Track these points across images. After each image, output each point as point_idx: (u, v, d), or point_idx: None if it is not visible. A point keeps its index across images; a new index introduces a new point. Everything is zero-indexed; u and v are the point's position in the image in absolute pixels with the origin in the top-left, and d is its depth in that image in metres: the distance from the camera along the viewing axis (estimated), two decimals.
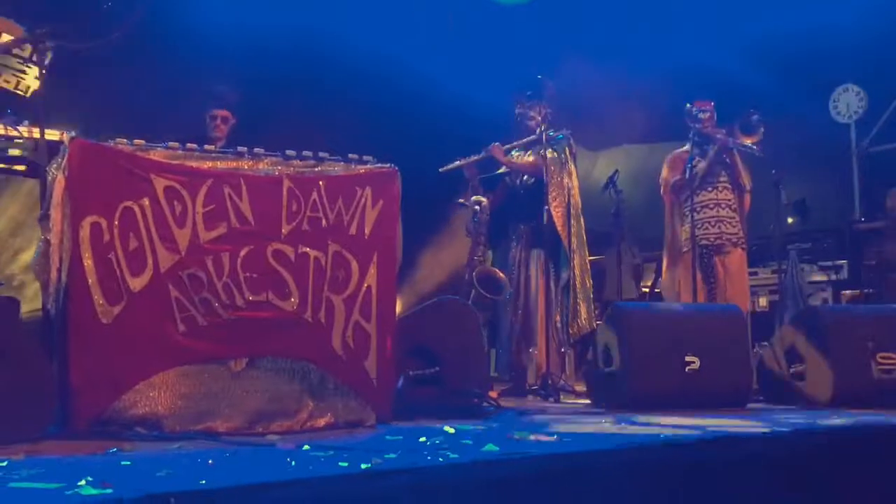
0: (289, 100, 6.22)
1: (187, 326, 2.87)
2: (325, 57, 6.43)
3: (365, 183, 3.21)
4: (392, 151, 3.38)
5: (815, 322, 4.24)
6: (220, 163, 3.03)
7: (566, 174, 5.17)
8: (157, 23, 4.86)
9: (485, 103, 6.34)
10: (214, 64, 5.70)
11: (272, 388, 2.95)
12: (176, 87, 5.48)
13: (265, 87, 5.94)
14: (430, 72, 6.70)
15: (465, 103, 6.66)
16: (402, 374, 3.42)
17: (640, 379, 3.91)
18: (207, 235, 2.93)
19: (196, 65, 5.61)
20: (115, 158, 2.87)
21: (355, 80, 6.58)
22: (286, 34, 6.19)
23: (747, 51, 7.11)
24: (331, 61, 6.46)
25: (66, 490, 1.71)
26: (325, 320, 3.07)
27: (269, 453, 2.41)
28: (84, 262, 2.76)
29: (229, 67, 5.69)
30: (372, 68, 6.48)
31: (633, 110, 7.55)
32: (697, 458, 2.52)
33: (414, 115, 6.75)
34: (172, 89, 5.49)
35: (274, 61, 6.16)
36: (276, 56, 6.17)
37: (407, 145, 5.23)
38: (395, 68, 6.52)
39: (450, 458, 2.20)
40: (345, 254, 3.14)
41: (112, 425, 2.72)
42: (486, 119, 6.15)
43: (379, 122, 6.46)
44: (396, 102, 6.68)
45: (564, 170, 5.17)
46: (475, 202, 5.34)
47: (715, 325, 4.18)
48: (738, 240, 5.46)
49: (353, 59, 6.42)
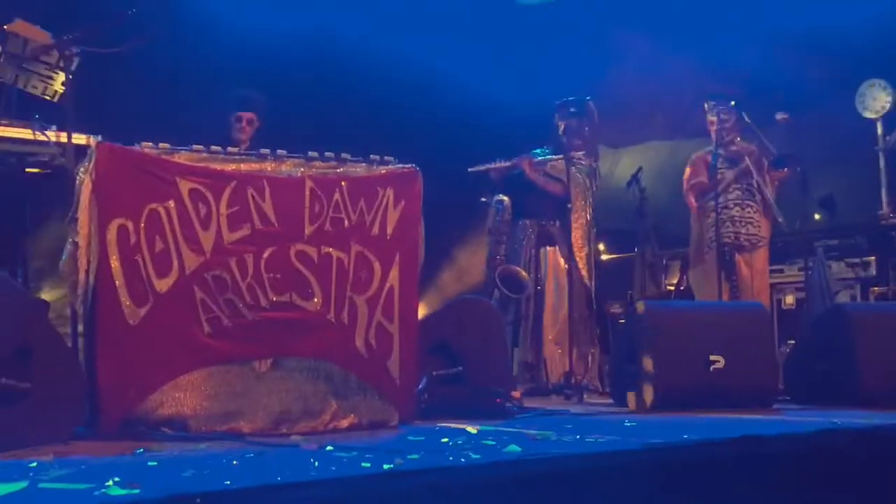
0: (310, 101, 6.25)
1: (212, 327, 2.90)
2: (346, 58, 6.45)
3: (387, 183, 3.22)
4: (413, 151, 3.40)
5: (843, 320, 4.19)
6: (243, 165, 3.06)
7: (588, 200, 5.22)
8: (180, 27, 4.92)
9: (508, 103, 6.35)
10: (238, 67, 5.75)
11: (296, 389, 2.98)
12: (200, 91, 5.52)
13: (287, 89, 5.97)
14: (451, 71, 6.71)
15: (488, 103, 6.65)
16: (424, 374, 3.44)
17: (664, 378, 3.88)
18: (231, 237, 2.96)
19: (220, 68, 5.66)
20: (141, 162, 2.90)
21: (376, 81, 6.59)
22: (308, 36, 6.22)
23: (772, 46, 7.03)
24: (352, 63, 6.48)
25: (94, 490, 1.74)
26: (348, 321, 3.09)
27: (293, 454, 2.44)
28: (111, 263, 2.80)
29: (252, 70, 5.73)
30: (392, 69, 6.49)
31: (656, 107, 7.50)
32: (721, 458, 2.51)
33: (435, 114, 6.76)
34: (196, 93, 5.54)
35: (296, 63, 6.19)
36: (298, 58, 6.20)
37: (428, 145, 5.25)
38: (415, 68, 6.53)
39: (472, 458, 2.21)
40: (367, 254, 3.15)
41: (139, 426, 2.76)
42: (511, 119, 6.15)
43: (400, 122, 6.47)
44: (418, 102, 6.69)
45: (586, 196, 5.23)
46: (498, 201, 5.35)
47: (740, 324, 4.14)
48: (760, 240, 5.42)
49: (375, 60, 6.43)
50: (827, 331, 4.27)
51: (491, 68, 6.81)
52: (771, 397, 4.07)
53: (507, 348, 4.32)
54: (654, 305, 4.52)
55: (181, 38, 5.29)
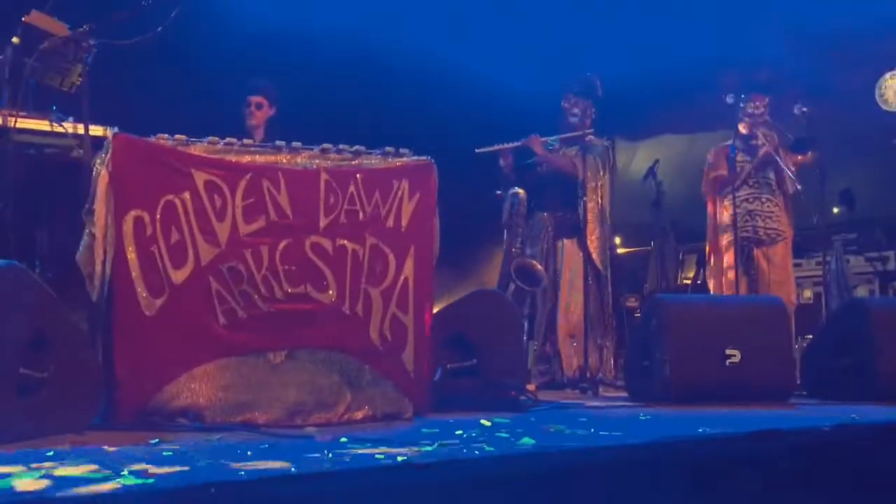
0: (325, 93, 6.25)
1: (228, 319, 2.91)
2: (360, 49, 6.45)
3: (402, 175, 3.22)
4: (428, 143, 3.39)
5: (861, 314, 4.15)
6: (258, 156, 3.06)
7: (600, 182, 5.16)
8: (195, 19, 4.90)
9: (525, 93, 6.32)
10: (253, 58, 5.76)
11: (311, 381, 2.98)
12: (215, 82, 5.54)
13: (302, 81, 5.98)
14: (467, 62, 6.69)
15: (504, 94, 6.64)
16: (439, 366, 3.43)
17: (680, 372, 3.87)
18: (247, 228, 2.97)
19: (235, 60, 5.67)
20: (157, 153, 2.92)
21: (391, 72, 6.59)
22: (322, 29, 6.22)
23: (790, 38, 6.97)
24: (366, 53, 6.48)
25: (109, 480, 1.75)
26: (363, 313, 3.10)
27: (308, 445, 2.44)
28: (127, 255, 2.82)
29: (267, 61, 5.74)
30: (407, 60, 6.48)
31: (672, 99, 7.46)
32: (737, 453, 2.49)
33: (450, 106, 6.75)
34: (212, 84, 5.55)
35: (309, 55, 6.19)
36: (312, 50, 6.20)
37: (443, 137, 5.23)
38: (430, 59, 6.52)
39: (486, 451, 2.21)
40: (382, 246, 3.15)
41: (155, 416, 2.78)
42: (526, 109, 6.12)
43: (415, 114, 6.46)
44: (433, 94, 6.68)
45: (598, 178, 5.16)
46: (513, 193, 5.33)
47: (756, 318, 4.11)
48: (780, 235, 5.38)
49: (388, 52, 6.43)
50: (845, 325, 4.24)
51: (509, 58, 6.79)
52: (788, 392, 4.04)
53: (522, 341, 4.31)
54: (670, 299, 4.50)
55: (197, 29, 5.29)
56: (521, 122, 5.61)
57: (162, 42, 3.41)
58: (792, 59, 6.85)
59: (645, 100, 7.40)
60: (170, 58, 5.14)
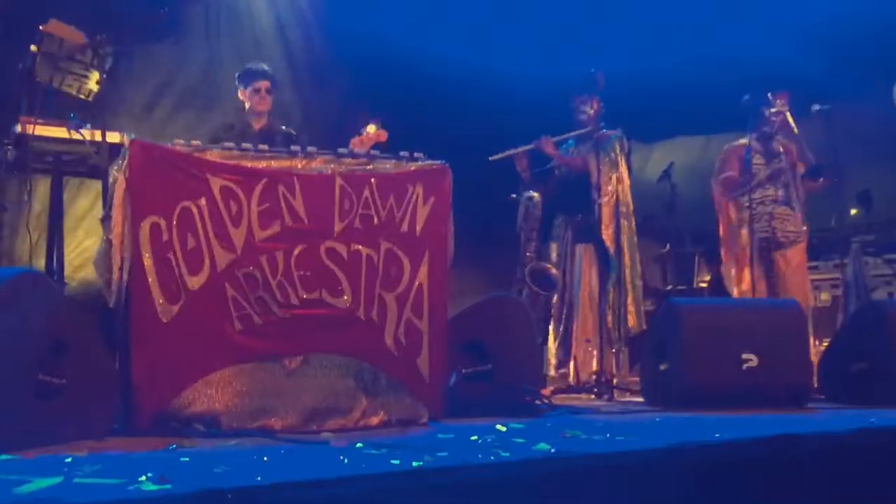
0: (340, 98, 6.27)
1: (243, 325, 2.92)
2: (373, 53, 6.46)
3: (416, 180, 3.22)
4: (442, 147, 3.39)
5: (880, 317, 4.12)
6: (274, 162, 3.07)
7: (615, 175, 5.10)
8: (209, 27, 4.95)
9: (537, 94, 6.30)
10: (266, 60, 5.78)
11: (326, 386, 2.99)
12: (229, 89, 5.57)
13: (317, 88, 6.00)
14: (482, 64, 6.69)
15: (516, 95, 6.62)
16: (454, 371, 3.43)
17: (696, 377, 3.84)
18: (262, 234, 2.98)
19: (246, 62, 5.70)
20: (174, 159, 2.93)
21: (404, 77, 6.59)
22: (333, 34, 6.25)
23: (805, 37, 6.92)
24: (379, 59, 6.49)
25: (127, 485, 1.76)
26: (378, 318, 3.10)
27: (323, 451, 2.45)
28: (144, 261, 2.83)
29: (279, 66, 5.76)
30: (421, 64, 6.49)
31: (687, 101, 7.42)
32: (754, 458, 2.48)
33: (464, 109, 6.75)
34: (226, 90, 5.58)
35: (322, 60, 6.21)
36: (325, 55, 6.22)
37: (457, 141, 5.22)
38: (446, 64, 6.52)
39: (501, 456, 2.20)
40: (396, 251, 3.15)
41: (171, 422, 2.79)
42: (540, 110, 6.10)
43: (429, 118, 6.47)
44: (448, 98, 6.68)
45: (615, 170, 5.10)
46: (527, 197, 5.31)
47: (773, 322, 4.08)
48: (797, 237, 5.33)
49: (401, 56, 6.43)
50: (864, 328, 4.20)
51: (522, 61, 6.78)
52: (805, 396, 4.00)
53: (537, 346, 4.29)
54: (685, 303, 4.48)
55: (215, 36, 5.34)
56: (535, 123, 5.59)
57: (177, 49, 3.44)
58: (809, 61, 6.80)
59: (659, 102, 7.37)
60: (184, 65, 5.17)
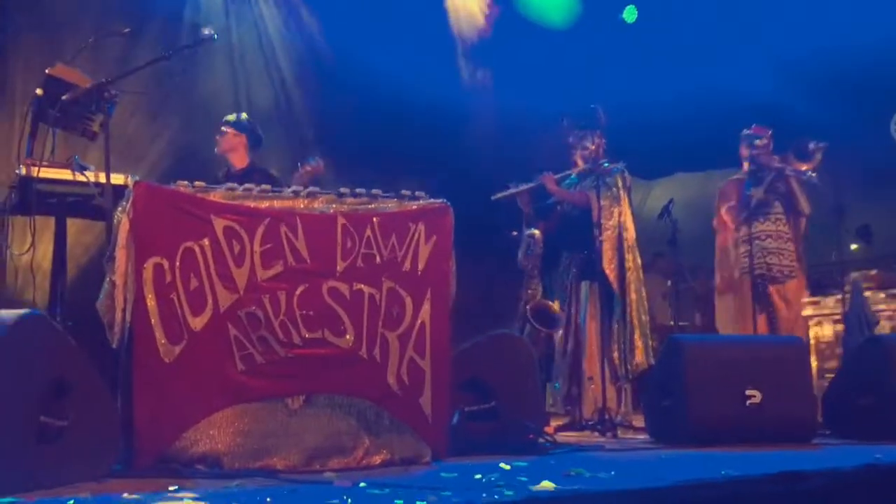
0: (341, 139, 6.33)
1: (246, 364, 2.92)
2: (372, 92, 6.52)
3: (418, 218, 3.24)
4: (443, 184, 3.41)
5: (883, 352, 4.11)
6: (276, 202, 3.09)
7: (618, 209, 5.09)
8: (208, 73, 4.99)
9: (537, 130, 6.35)
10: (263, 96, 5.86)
11: (329, 425, 2.98)
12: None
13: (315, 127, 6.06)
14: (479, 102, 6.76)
15: (517, 132, 6.68)
16: (457, 409, 3.42)
17: (699, 413, 3.83)
18: (265, 274, 2.99)
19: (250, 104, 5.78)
20: (177, 200, 2.95)
21: (404, 115, 6.65)
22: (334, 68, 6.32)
23: (803, 73, 7.00)
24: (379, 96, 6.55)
25: None
26: (380, 357, 3.10)
27: (326, 491, 2.43)
28: (147, 302, 2.84)
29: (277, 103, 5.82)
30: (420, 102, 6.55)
31: (685, 138, 7.49)
32: (760, 495, 2.46)
33: (464, 147, 6.81)
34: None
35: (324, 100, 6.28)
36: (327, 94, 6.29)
37: (457, 177, 5.26)
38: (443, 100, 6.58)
39: (505, 495, 2.19)
40: (399, 290, 3.16)
41: (174, 463, 2.78)
42: (540, 147, 6.15)
43: (427, 155, 6.52)
44: (447, 135, 6.74)
45: (617, 204, 5.10)
46: (529, 234, 5.33)
47: (776, 357, 4.08)
48: (793, 271, 5.35)
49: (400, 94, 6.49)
50: (867, 363, 4.19)
51: (522, 97, 6.84)
52: (810, 431, 3.99)
53: (539, 383, 4.28)
54: (688, 339, 4.47)
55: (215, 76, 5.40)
56: (535, 160, 5.62)
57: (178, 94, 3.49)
58: (808, 97, 6.87)
59: (658, 139, 7.43)
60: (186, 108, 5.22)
